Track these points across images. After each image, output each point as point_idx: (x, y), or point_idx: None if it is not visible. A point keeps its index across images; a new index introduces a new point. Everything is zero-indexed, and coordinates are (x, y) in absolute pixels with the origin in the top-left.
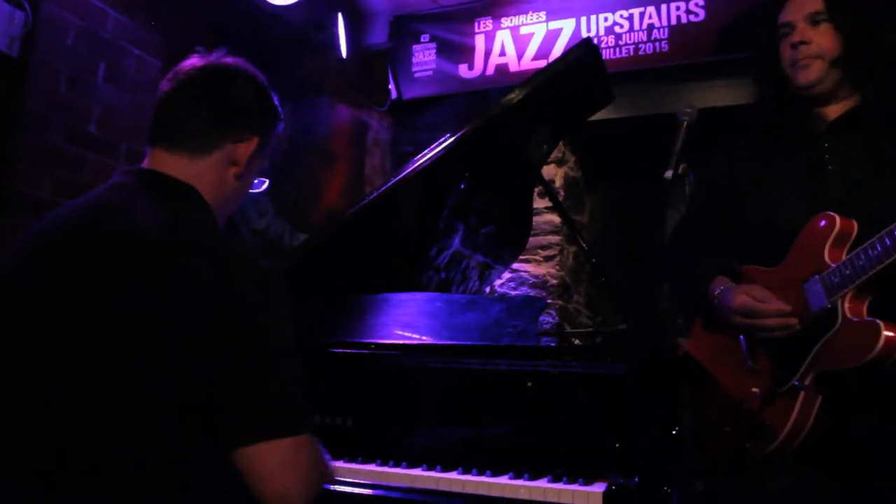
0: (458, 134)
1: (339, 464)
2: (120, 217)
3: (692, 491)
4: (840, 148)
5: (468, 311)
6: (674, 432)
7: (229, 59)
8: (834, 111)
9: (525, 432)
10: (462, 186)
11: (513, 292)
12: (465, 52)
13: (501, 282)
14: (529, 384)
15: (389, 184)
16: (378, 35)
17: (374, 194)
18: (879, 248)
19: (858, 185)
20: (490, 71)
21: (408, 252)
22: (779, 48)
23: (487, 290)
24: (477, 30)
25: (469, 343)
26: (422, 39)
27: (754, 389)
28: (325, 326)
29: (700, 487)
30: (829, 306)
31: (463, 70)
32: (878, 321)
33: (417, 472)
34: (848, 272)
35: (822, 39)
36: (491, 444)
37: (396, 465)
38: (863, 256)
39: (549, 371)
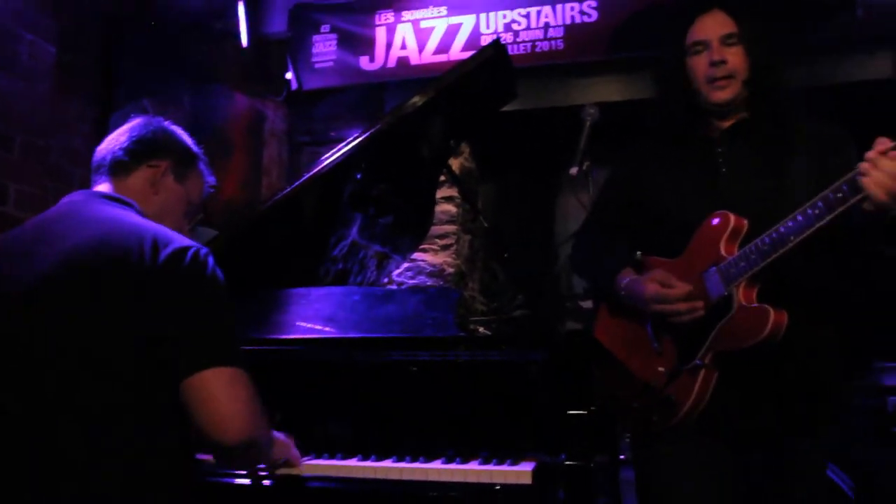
0: (369, 132)
1: None
2: (68, 220)
3: (612, 464)
4: (732, 153)
5: (387, 303)
6: (591, 409)
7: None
8: (726, 122)
9: (452, 419)
10: (359, 176)
11: (410, 281)
12: (366, 44)
13: (399, 271)
14: (452, 373)
15: (303, 179)
16: (277, 24)
17: (288, 189)
18: (768, 243)
19: (748, 187)
20: (391, 63)
21: (310, 245)
22: (685, 62)
23: (385, 280)
24: (378, 22)
25: (393, 335)
26: (322, 30)
27: (660, 368)
28: (246, 322)
29: (614, 462)
30: (726, 294)
31: (364, 62)
32: (767, 306)
33: (353, 462)
34: (742, 264)
35: (736, 60)
36: (420, 433)
37: (331, 457)
38: (754, 250)
39: (471, 360)
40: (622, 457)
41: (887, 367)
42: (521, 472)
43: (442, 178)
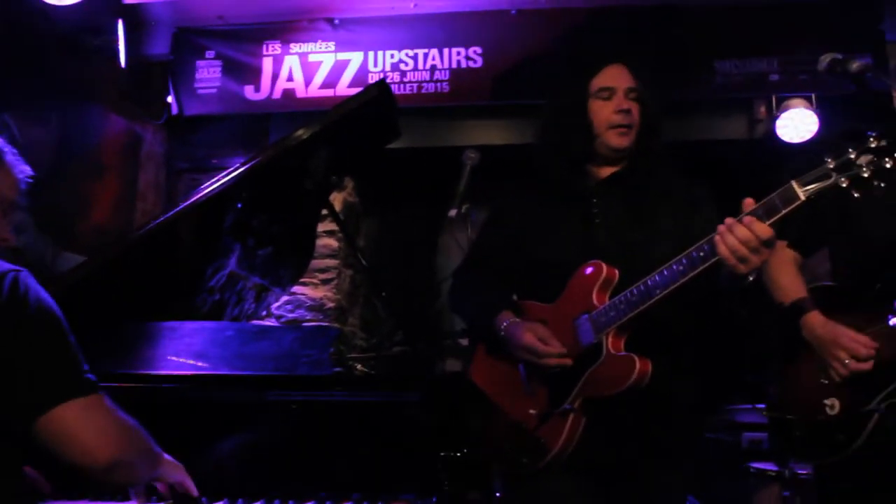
0: (251, 163)
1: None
2: None
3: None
4: (606, 204)
5: (261, 340)
6: (463, 451)
7: None
8: (605, 171)
9: (325, 460)
10: (239, 206)
11: (290, 315)
12: (251, 74)
13: (278, 304)
14: (326, 413)
15: (181, 207)
16: (160, 45)
17: (164, 217)
18: (636, 295)
19: (620, 238)
20: (276, 95)
21: (186, 275)
22: (587, 105)
23: (264, 312)
24: (265, 52)
25: (265, 373)
26: (207, 55)
27: (532, 411)
28: (107, 356)
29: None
30: (595, 342)
31: (249, 91)
32: (633, 355)
33: None
34: (612, 313)
35: (636, 113)
36: (291, 475)
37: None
38: (623, 301)
39: (345, 400)
40: (498, 494)
41: (741, 408)
42: None
43: (325, 211)
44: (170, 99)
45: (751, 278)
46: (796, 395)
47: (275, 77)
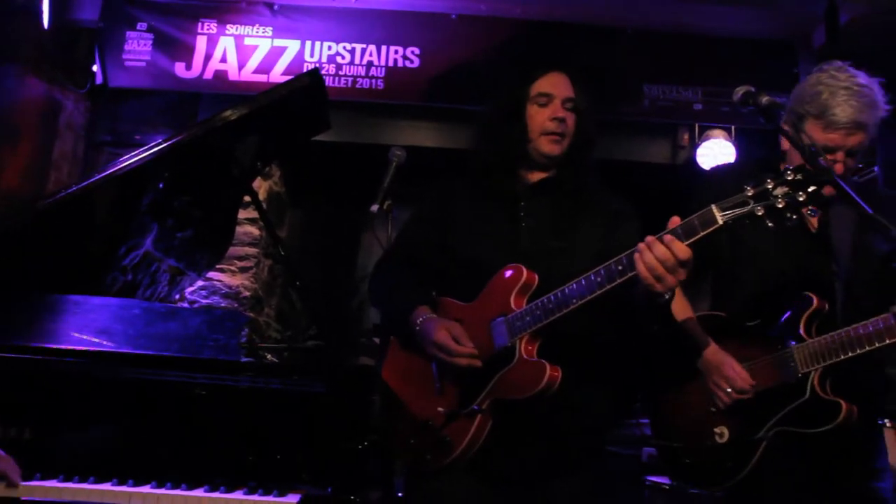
0: (175, 139)
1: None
2: None
3: (384, 500)
4: (532, 208)
5: (168, 320)
6: (364, 445)
7: None
8: (535, 176)
9: (222, 446)
10: (161, 186)
11: (204, 301)
12: (184, 51)
13: (193, 289)
14: (228, 399)
15: (96, 178)
16: (89, 11)
17: (77, 187)
18: (553, 302)
19: (543, 244)
20: (208, 75)
21: (98, 251)
22: (525, 108)
23: (177, 296)
24: (200, 30)
25: (168, 354)
26: (138, 27)
27: (440, 409)
28: (6, 326)
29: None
30: (509, 345)
31: (179, 69)
32: (544, 362)
33: (107, 486)
34: (528, 318)
35: (571, 123)
36: (187, 458)
37: (82, 480)
38: (540, 306)
39: (250, 386)
40: (400, 494)
41: (642, 422)
42: (285, 503)
43: (247, 198)
44: (95, 68)
45: (666, 297)
46: (684, 422)
47: (208, 57)
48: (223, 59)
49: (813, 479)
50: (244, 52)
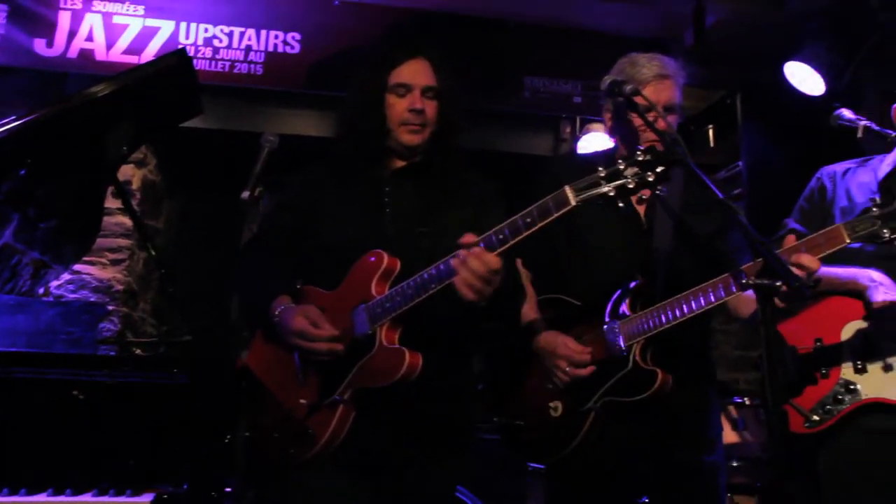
0: (30, 117)
1: None
2: None
3: (245, 497)
4: (397, 194)
5: (16, 313)
6: (226, 440)
7: None
8: (399, 164)
9: (71, 445)
10: (22, 172)
11: (71, 296)
12: (44, 26)
13: (59, 283)
14: (80, 394)
15: None
16: None
17: None
18: (412, 287)
19: (407, 229)
20: (72, 54)
21: None
22: (384, 98)
23: (41, 290)
24: (63, 5)
25: (14, 350)
26: None
27: (302, 401)
28: None
29: (251, 494)
30: (370, 332)
31: (39, 45)
32: (403, 349)
33: None
34: (388, 305)
35: (432, 111)
36: (30, 460)
37: None
38: (399, 293)
39: (105, 381)
40: (265, 489)
41: None
42: (138, 503)
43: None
44: None
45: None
46: (525, 402)
47: (72, 34)
48: (89, 38)
49: (640, 447)
50: (113, 30)
